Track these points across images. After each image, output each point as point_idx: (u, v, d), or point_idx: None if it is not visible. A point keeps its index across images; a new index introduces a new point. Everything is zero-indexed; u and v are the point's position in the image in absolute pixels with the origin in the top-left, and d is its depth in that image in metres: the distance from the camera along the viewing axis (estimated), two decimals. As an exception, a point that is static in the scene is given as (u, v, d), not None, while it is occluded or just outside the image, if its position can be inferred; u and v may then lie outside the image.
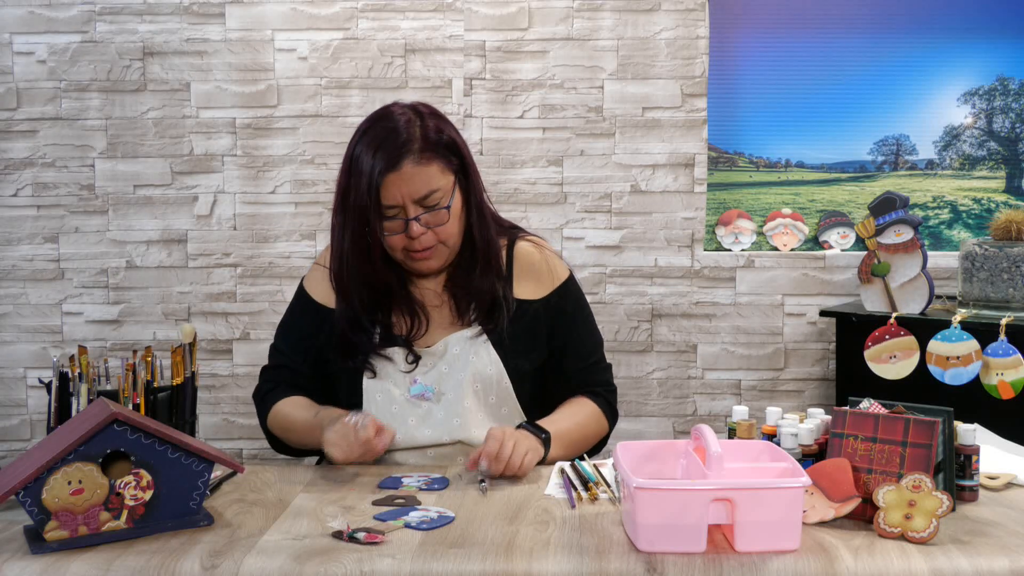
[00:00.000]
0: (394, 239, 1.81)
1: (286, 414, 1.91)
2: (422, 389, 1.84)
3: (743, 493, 1.29)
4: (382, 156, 1.77)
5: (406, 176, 1.77)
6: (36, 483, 1.33)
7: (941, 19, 3.08)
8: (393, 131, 1.79)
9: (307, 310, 1.95)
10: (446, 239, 1.84)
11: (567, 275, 1.98)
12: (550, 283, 1.94)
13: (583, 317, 1.98)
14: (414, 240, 1.81)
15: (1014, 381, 1.94)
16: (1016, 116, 3.10)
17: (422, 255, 1.83)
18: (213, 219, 3.10)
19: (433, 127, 1.82)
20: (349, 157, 1.83)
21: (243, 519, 1.45)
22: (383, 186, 1.77)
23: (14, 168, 3.09)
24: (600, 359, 1.99)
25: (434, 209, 1.80)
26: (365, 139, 1.81)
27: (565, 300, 1.95)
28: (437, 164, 1.80)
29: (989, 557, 1.28)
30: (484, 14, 3.06)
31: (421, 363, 1.86)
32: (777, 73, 3.12)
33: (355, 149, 1.82)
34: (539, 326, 1.92)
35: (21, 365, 3.14)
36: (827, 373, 3.11)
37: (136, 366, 1.68)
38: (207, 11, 3.05)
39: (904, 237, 2.76)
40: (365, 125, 1.84)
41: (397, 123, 1.81)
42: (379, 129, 1.81)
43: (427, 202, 1.79)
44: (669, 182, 3.09)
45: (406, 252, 1.83)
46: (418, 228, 1.79)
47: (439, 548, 1.32)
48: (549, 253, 1.99)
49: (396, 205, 1.79)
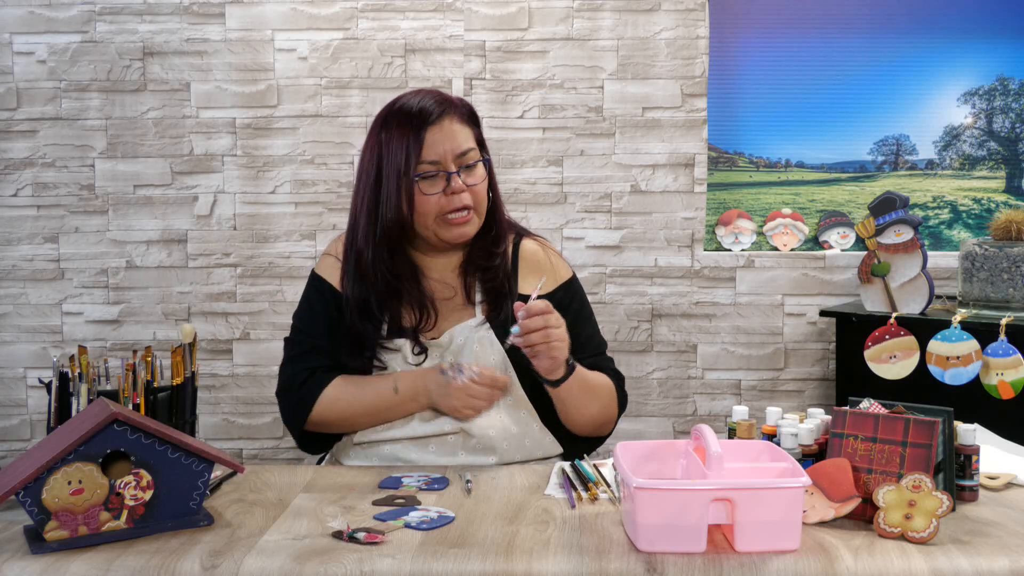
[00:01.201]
0: (432, 200, 1.82)
1: (348, 397, 1.85)
2: None
3: (743, 493, 1.29)
4: (418, 118, 1.81)
5: (447, 130, 1.82)
6: (36, 483, 1.33)
7: (941, 19, 3.08)
8: (427, 96, 1.85)
9: (326, 295, 1.92)
10: (478, 204, 1.86)
11: (570, 274, 2.00)
12: (553, 280, 1.95)
13: (586, 314, 2.00)
14: (454, 197, 1.82)
15: (1014, 381, 1.94)
16: (1016, 116, 3.10)
17: (462, 217, 1.84)
18: (213, 219, 3.10)
19: (459, 101, 1.89)
20: (377, 135, 1.84)
21: (243, 519, 1.45)
22: (426, 141, 1.80)
23: (14, 168, 3.09)
24: (603, 354, 2.00)
25: (472, 167, 1.83)
26: (390, 117, 1.84)
27: (568, 296, 1.96)
28: (470, 129, 1.87)
29: (989, 557, 1.28)
30: (484, 14, 3.06)
31: (427, 355, 1.87)
32: (777, 73, 3.12)
33: (383, 124, 1.84)
34: None
35: (21, 365, 3.14)
36: (827, 373, 3.11)
37: (136, 366, 1.68)
38: (207, 11, 3.05)
39: (904, 237, 2.76)
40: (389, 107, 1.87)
41: (423, 96, 1.86)
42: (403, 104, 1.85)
43: (466, 159, 1.83)
44: (669, 182, 3.09)
45: (440, 219, 1.84)
46: (458, 183, 1.81)
47: (439, 548, 1.32)
48: (553, 252, 2.01)
49: (437, 160, 1.81)
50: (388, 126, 1.84)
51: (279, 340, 3.10)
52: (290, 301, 3.10)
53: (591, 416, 1.88)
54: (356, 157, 2.12)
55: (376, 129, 1.85)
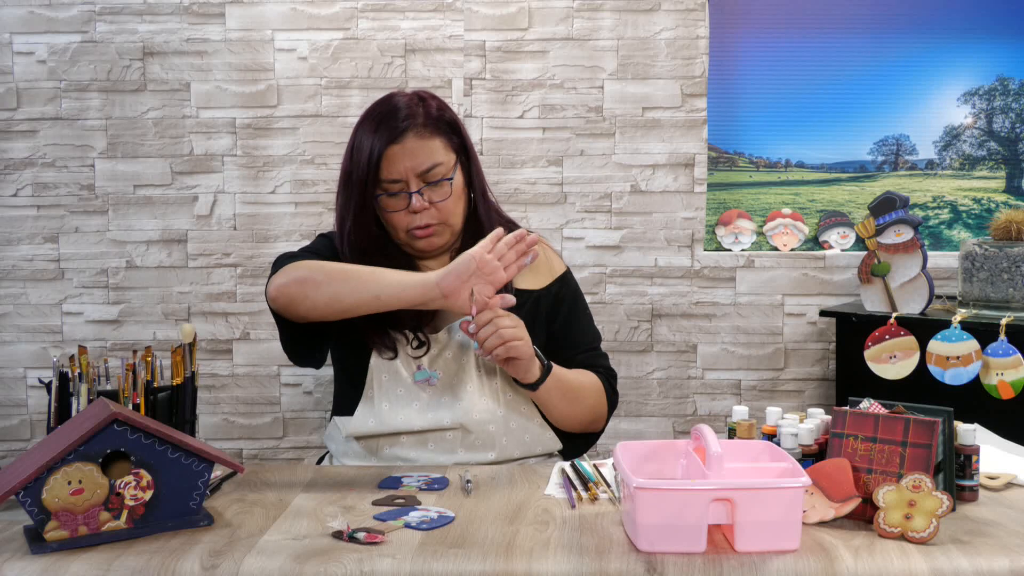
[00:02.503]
0: (397, 216, 1.82)
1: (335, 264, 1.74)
2: (427, 375, 1.86)
3: (743, 493, 1.29)
4: (384, 130, 1.80)
5: (408, 149, 1.79)
6: (36, 483, 1.33)
7: (941, 19, 3.08)
8: (395, 108, 1.83)
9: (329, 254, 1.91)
10: (447, 217, 1.85)
11: (564, 269, 2.02)
12: (548, 275, 1.97)
13: (580, 308, 2.01)
14: (416, 215, 1.81)
15: (1014, 381, 1.94)
16: (1016, 116, 3.10)
17: (424, 232, 1.83)
18: (213, 219, 3.10)
19: (435, 106, 1.86)
20: (352, 139, 1.85)
21: (243, 519, 1.45)
22: (385, 159, 1.79)
23: (14, 168, 3.09)
24: (597, 348, 2.01)
25: (437, 183, 1.81)
26: (368, 119, 1.84)
27: (563, 290, 1.98)
28: (439, 140, 1.83)
29: (989, 557, 1.28)
30: (484, 14, 3.06)
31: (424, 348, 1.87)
32: (777, 73, 3.12)
33: (358, 131, 1.85)
34: (538, 313, 1.94)
35: (21, 365, 3.14)
36: (827, 373, 3.11)
37: (136, 366, 1.68)
38: (207, 11, 3.05)
39: (904, 237, 2.76)
40: (368, 109, 1.88)
41: (399, 102, 1.84)
42: (381, 107, 1.84)
43: (429, 176, 1.81)
44: (669, 182, 3.09)
45: (408, 232, 1.84)
46: (420, 202, 1.80)
47: (439, 548, 1.32)
48: (547, 249, 2.02)
49: (399, 179, 1.80)
50: (359, 131, 1.84)
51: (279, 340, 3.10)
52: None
53: (577, 416, 1.89)
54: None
55: (354, 130, 1.86)
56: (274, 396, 3.13)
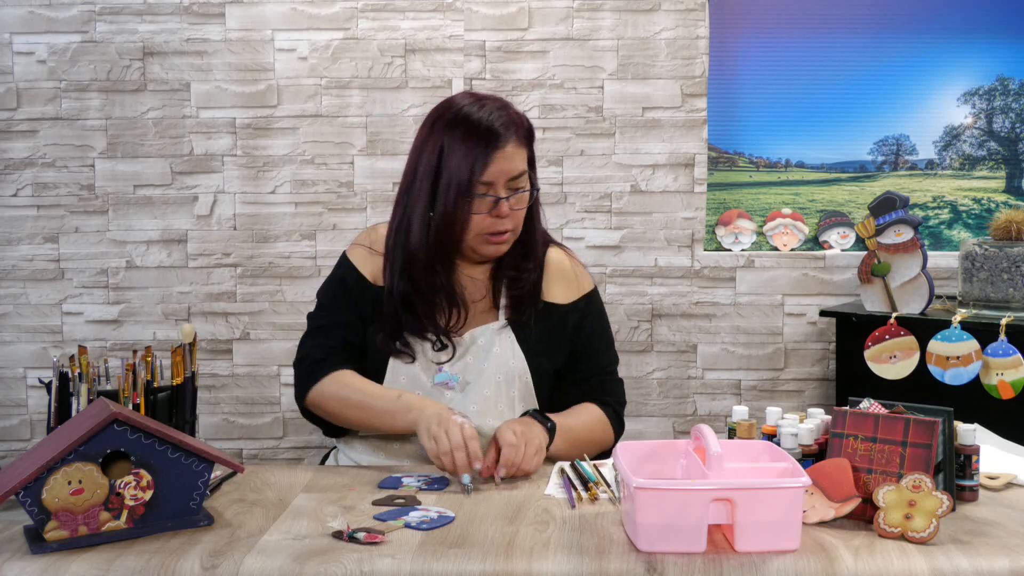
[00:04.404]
0: (479, 218, 1.82)
1: (351, 387, 1.84)
2: (446, 377, 1.86)
3: (743, 493, 1.29)
4: (487, 136, 1.79)
5: (509, 155, 1.81)
6: (36, 483, 1.33)
7: (941, 19, 3.08)
8: (495, 112, 1.82)
9: (352, 283, 1.93)
10: (517, 226, 1.87)
11: (592, 287, 2.03)
12: (577, 290, 1.99)
13: (603, 328, 2.03)
14: (500, 220, 1.82)
15: (1014, 381, 1.94)
16: (1016, 116, 3.10)
17: (501, 238, 1.85)
18: (213, 219, 3.10)
19: (519, 118, 1.86)
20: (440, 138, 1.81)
21: (243, 519, 1.45)
22: (490, 164, 1.78)
23: (14, 168, 3.09)
24: (614, 372, 2.02)
25: (521, 192, 1.83)
26: (464, 123, 1.81)
27: (589, 308, 2.00)
28: (526, 150, 1.86)
29: (989, 557, 1.28)
30: (484, 14, 3.06)
31: (448, 352, 1.88)
32: (777, 73, 3.12)
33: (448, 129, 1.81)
34: (564, 329, 1.95)
35: (21, 365, 3.14)
36: (827, 373, 3.11)
37: (136, 366, 1.68)
38: (207, 11, 3.05)
39: (904, 237, 2.76)
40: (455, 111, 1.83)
41: (493, 108, 1.83)
42: (478, 112, 1.81)
43: (516, 184, 1.83)
44: (669, 182, 3.09)
45: (480, 236, 1.84)
46: (507, 208, 1.81)
47: (439, 548, 1.32)
48: (577, 263, 2.04)
49: (491, 183, 1.80)
50: (453, 133, 1.80)
51: (279, 340, 3.11)
52: (290, 301, 3.10)
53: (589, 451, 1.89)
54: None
55: (440, 131, 1.82)
56: (274, 396, 3.13)
